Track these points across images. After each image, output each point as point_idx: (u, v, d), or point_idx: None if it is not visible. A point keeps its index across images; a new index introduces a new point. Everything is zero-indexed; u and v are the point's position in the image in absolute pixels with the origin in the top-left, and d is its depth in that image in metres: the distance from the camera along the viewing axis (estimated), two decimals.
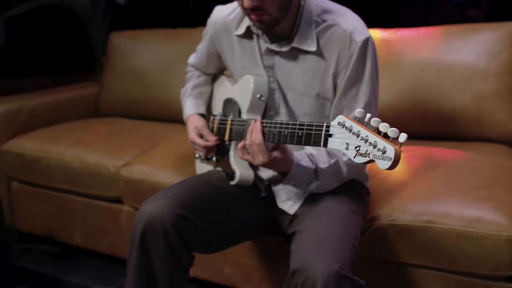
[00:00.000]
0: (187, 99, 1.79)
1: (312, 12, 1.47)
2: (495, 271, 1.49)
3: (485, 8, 3.65)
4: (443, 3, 3.69)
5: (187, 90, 1.81)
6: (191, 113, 1.74)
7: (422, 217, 1.56)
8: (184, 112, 1.78)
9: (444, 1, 3.69)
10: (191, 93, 1.80)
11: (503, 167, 1.77)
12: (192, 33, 2.72)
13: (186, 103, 1.79)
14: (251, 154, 1.38)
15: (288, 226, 1.56)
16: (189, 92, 1.80)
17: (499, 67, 1.98)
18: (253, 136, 1.36)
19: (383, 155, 0.93)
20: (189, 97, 1.79)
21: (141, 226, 1.39)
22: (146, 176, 2.02)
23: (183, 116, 1.79)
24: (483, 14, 3.47)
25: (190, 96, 1.79)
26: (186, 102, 1.79)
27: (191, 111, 1.75)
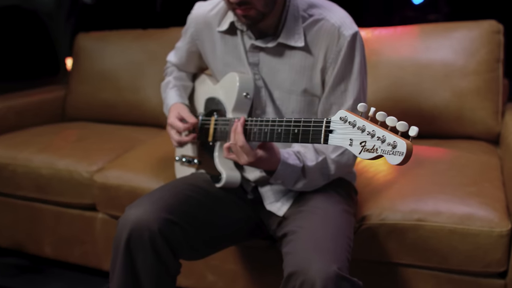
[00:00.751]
0: (170, 90, 1.71)
1: (298, 7, 1.42)
2: (487, 268, 1.48)
3: (445, 12, 3.72)
4: (404, 6, 3.73)
5: (170, 81, 1.73)
6: (176, 102, 1.66)
7: (413, 216, 1.53)
8: (167, 102, 1.69)
9: (405, 4, 3.73)
10: (175, 84, 1.72)
11: (487, 164, 1.77)
12: (164, 34, 2.64)
13: (169, 94, 1.70)
14: (235, 154, 1.34)
15: (277, 229, 1.50)
16: (173, 83, 1.72)
17: (477, 65, 1.99)
18: (236, 137, 1.32)
19: (393, 149, 0.89)
20: (173, 88, 1.71)
21: (126, 233, 1.31)
22: (122, 181, 1.93)
23: (165, 109, 1.71)
24: (443, 17, 3.53)
25: (174, 88, 1.71)
26: (170, 93, 1.70)
27: (175, 100, 1.67)
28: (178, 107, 1.63)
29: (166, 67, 1.82)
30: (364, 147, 0.95)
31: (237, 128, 1.32)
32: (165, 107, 1.71)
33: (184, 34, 1.69)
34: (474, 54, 2.01)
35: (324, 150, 1.43)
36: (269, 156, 1.32)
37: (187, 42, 1.67)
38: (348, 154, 1.44)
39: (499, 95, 2.00)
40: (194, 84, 1.78)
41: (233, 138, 1.33)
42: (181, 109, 1.61)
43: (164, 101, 1.73)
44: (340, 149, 1.43)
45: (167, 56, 1.81)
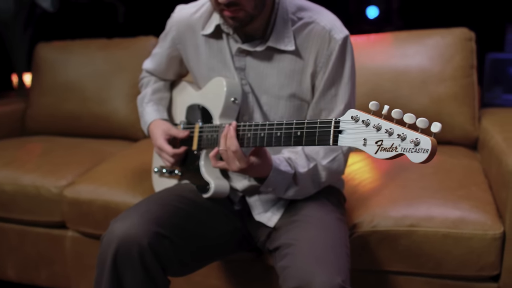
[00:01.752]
0: (146, 105, 1.62)
1: (287, 10, 1.38)
2: (481, 272, 1.47)
3: (398, 25, 3.82)
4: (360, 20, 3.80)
5: (145, 95, 1.64)
6: (154, 119, 1.58)
7: (405, 222, 1.50)
8: (145, 120, 1.60)
9: (361, 18, 3.80)
10: (150, 98, 1.63)
11: (470, 168, 1.77)
12: (131, 43, 2.55)
13: (146, 110, 1.62)
14: (226, 160, 1.27)
15: (267, 241, 1.43)
16: (149, 97, 1.63)
17: (453, 71, 2.01)
18: (228, 142, 1.25)
19: (415, 147, 0.85)
20: (149, 103, 1.62)
21: (113, 249, 1.21)
22: (95, 196, 1.81)
23: (143, 125, 1.62)
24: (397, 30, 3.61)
25: (150, 102, 1.62)
26: (146, 108, 1.62)
27: (153, 117, 1.59)
28: (160, 125, 1.55)
29: (142, 77, 1.73)
30: (380, 146, 0.90)
31: (229, 132, 1.25)
32: (143, 124, 1.62)
33: (163, 39, 1.61)
34: (449, 60, 2.03)
35: (315, 156, 1.38)
36: (261, 163, 1.26)
37: (168, 47, 1.59)
38: (339, 160, 1.39)
39: (475, 100, 2.02)
40: (172, 92, 1.70)
41: (223, 143, 1.26)
42: (165, 126, 1.54)
43: (141, 116, 1.64)
44: (332, 155, 1.38)
45: (143, 64, 1.72)
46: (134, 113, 2.41)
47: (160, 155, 1.55)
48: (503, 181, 1.46)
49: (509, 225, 1.44)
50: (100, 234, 1.80)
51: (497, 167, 1.54)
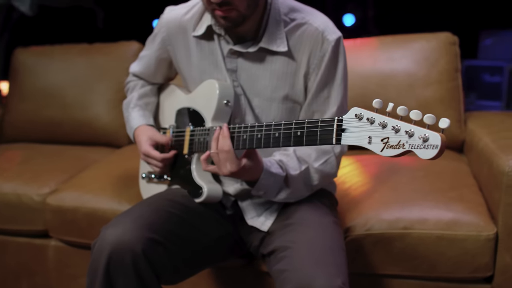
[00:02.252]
0: (132, 110, 1.58)
1: (279, 11, 1.36)
2: (475, 273, 1.46)
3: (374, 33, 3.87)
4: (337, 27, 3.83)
5: (131, 100, 1.60)
6: (140, 125, 1.54)
7: (399, 224, 1.49)
8: (130, 125, 1.56)
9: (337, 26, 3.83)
10: (136, 103, 1.59)
11: (459, 170, 1.77)
12: (113, 48, 2.51)
13: (131, 115, 1.57)
14: (217, 163, 1.24)
15: (261, 245, 1.41)
16: (135, 102, 1.59)
17: (439, 74, 2.02)
18: (221, 142, 1.22)
19: (424, 143, 0.84)
20: (134, 108, 1.58)
21: (105, 257, 1.16)
22: (80, 203, 1.76)
23: (129, 130, 1.58)
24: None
25: (136, 107, 1.58)
26: (132, 113, 1.57)
27: (139, 122, 1.54)
28: (145, 131, 1.51)
29: (128, 81, 1.69)
30: (387, 144, 0.89)
31: (223, 132, 1.23)
32: (129, 129, 1.58)
33: (152, 41, 1.57)
34: (435, 64, 2.04)
35: (307, 159, 1.36)
36: (253, 165, 1.24)
37: (157, 48, 1.55)
38: (331, 162, 1.38)
39: (461, 103, 2.03)
40: (160, 96, 1.67)
41: (215, 146, 1.24)
42: (150, 133, 1.50)
43: (127, 122, 1.59)
44: (324, 157, 1.37)
45: (130, 67, 1.68)
46: (117, 119, 2.37)
47: (147, 162, 1.51)
48: (495, 182, 1.47)
49: (501, 226, 1.44)
50: (85, 242, 1.76)
51: (488, 169, 1.54)
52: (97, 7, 3.31)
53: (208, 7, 1.27)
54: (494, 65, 4.62)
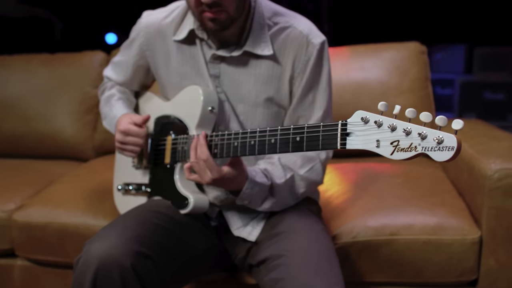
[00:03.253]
0: (116, 102, 1.51)
1: (263, 14, 1.34)
2: (461, 277, 1.47)
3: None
4: None
5: (114, 94, 1.53)
6: (125, 112, 1.47)
7: (385, 231, 1.49)
8: (113, 114, 1.48)
9: None
10: (120, 96, 1.53)
11: (436, 176, 1.79)
12: (76, 58, 2.42)
13: (115, 106, 1.49)
14: (198, 172, 1.22)
15: (248, 256, 1.36)
16: (118, 95, 1.53)
17: (411, 83, 2.05)
18: (198, 151, 1.20)
19: (439, 145, 0.82)
20: (118, 100, 1.51)
21: (92, 272, 1.09)
22: (50, 219, 1.66)
23: (109, 121, 1.50)
24: None
25: (120, 100, 1.52)
26: (116, 104, 1.50)
27: (124, 111, 1.47)
28: (129, 116, 1.44)
29: (104, 82, 1.62)
30: (397, 147, 0.87)
31: (199, 141, 1.21)
32: (109, 121, 1.50)
33: (129, 46, 1.51)
34: (406, 73, 2.07)
35: (292, 167, 1.34)
36: (236, 174, 1.21)
37: (134, 54, 1.49)
38: (317, 169, 1.36)
39: (432, 111, 2.07)
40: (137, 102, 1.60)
41: (193, 155, 1.22)
42: (133, 116, 1.43)
43: (107, 114, 1.52)
44: (309, 165, 1.35)
45: (104, 71, 1.61)
46: (83, 131, 2.27)
47: (122, 144, 1.41)
48: (477, 186, 1.48)
49: (485, 229, 1.45)
50: (55, 260, 1.66)
51: (469, 173, 1.56)
52: (55, 17, 3.20)
53: (195, 10, 1.23)
54: (445, 78, 4.78)
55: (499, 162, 1.45)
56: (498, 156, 1.49)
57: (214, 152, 1.24)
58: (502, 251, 1.45)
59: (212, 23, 1.23)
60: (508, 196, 1.42)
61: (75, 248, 1.63)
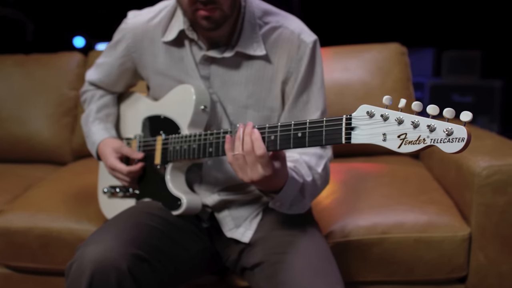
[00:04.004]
0: (92, 124, 1.47)
1: (254, 14, 1.32)
2: (451, 274, 1.48)
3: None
4: None
5: (90, 114, 1.49)
6: (103, 139, 1.43)
7: (377, 229, 1.49)
8: (92, 140, 1.45)
9: None
10: (96, 117, 1.48)
11: (421, 175, 1.81)
12: (52, 59, 2.35)
13: (92, 130, 1.47)
14: (241, 167, 1.07)
15: (240, 259, 1.34)
16: (94, 116, 1.49)
17: (394, 83, 2.07)
18: (255, 145, 1.05)
19: (448, 137, 0.82)
20: (94, 122, 1.48)
21: (87, 277, 1.04)
22: (32, 224, 1.60)
23: (91, 146, 1.47)
24: None
25: (96, 121, 1.48)
26: (92, 128, 1.47)
27: (102, 136, 1.44)
28: (109, 143, 1.42)
29: (84, 91, 1.58)
30: (404, 140, 0.86)
31: (254, 134, 1.06)
32: (91, 145, 1.47)
33: (114, 47, 1.47)
34: (389, 73, 2.09)
35: (312, 165, 1.26)
36: (282, 169, 1.10)
37: (120, 56, 1.45)
38: (327, 168, 1.31)
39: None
40: (120, 106, 1.56)
41: (240, 146, 1.07)
42: (115, 145, 1.41)
43: (87, 137, 1.49)
44: (322, 162, 1.28)
45: (86, 75, 1.56)
46: (60, 134, 2.21)
47: (114, 176, 1.40)
48: (465, 183, 1.50)
49: (474, 226, 1.47)
50: (36, 267, 1.60)
51: (457, 171, 1.58)
52: (26, 19, 3.11)
53: (189, 8, 1.20)
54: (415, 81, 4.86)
55: (487, 159, 1.47)
56: (485, 153, 1.51)
57: (209, 151, 1.21)
58: (491, 247, 1.47)
59: (206, 21, 1.20)
60: (496, 193, 1.44)
61: (58, 253, 1.58)
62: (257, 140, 1.04)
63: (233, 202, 1.38)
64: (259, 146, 1.04)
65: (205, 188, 1.39)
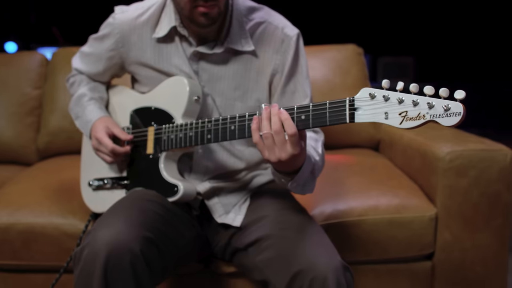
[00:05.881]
0: (87, 103, 1.49)
1: (240, 11, 1.40)
2: (421, 251, 1.62)
3: None
4: None
5: (85, 94, 1.52)
6: (100, 116, 1.46)
7: (354, 212, 1.60)
8: (87, 118, 1.47)
9: None
10: (92, 96, 1.51)
11: (385, 164, 1.95)
12: (12, 59, 2.33)
13: (87, 108, 1.49)
14: (270, 146, 1.09)
15: (230, 243, 1.40)
16: (90, 95, 1.51)
17: (353, 81, 2.21)
18: (285, 125, 1.07)
19: (446, 112, 0.92)
20: (90, 101, 1.50)
21: (102, 259, 1.07)
22: (14, 220, 1.57)
23: (83, 125, 1.49)
24: None
25: (92, 100, 1.51)
26: (88, 107, 1.49)
27: (98, 114, 1.47)
28: (104, 121, 1.44)
29: (73, 75, 1.60)
30: (405, 117, 0.96)
31: (282, 115, 1.08)
32: (84, 124, 1.49)
33: (101, 40, 1.50)
34: (348, 71, 2.22)
35: (315, 147, 1.30)
36: (304, 148, 1.12)
37: (109, 49, 1.48)
38: (323, 149, 1.36)
39: None
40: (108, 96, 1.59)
41: (267, 126, 1.09)
42: (110, 124, 1.43)
43: (80, 116, 1.51)
44: (319, 144, 1.34)
45: (72, 63, 1.59)
46: (24, 134, 2.18)
47: (97, 150, 1.43)
48: (431, 168, 1.65)
49: (440, 206, 1.62)
50: (18, 264, 1.59)
51: (422, 158, 1.72)
52: None
53: (187, 5, 1.25)
54: None
55: (449, 145, 1.62)
56: (446, 141, 1.66)
57: (207, 137, 1.27)
58: (455, 225, 1.62)
59: (204, 17, 1.27)
60: (459, 175, 1.59)
61: (42, 249, 1.57)
62: (287, 120, 1.07)
63: (222, 190, 1.44)
64: (290, 125, 1.07)
65: (194, 176, 1.44)
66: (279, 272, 1.19)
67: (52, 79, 2.21)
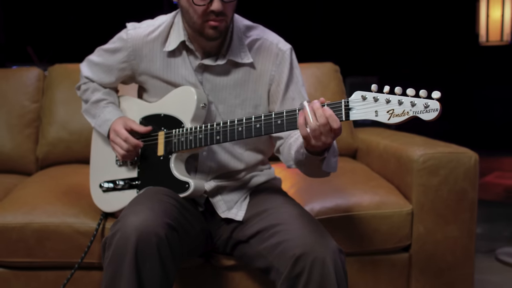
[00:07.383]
0: (106, 105, 1.67)
1: (240, 28, 1.59)
2: (399, 243, 1.82)
3: None
4: None
5: (102, 98, 1.68)
6: (119, 116, 1.63)
7: (340, 209, 1.79)
8: (106, 118, 1.63)
9: None
10: (110, 100, 1.69)
11: (363, 169, 2.16)
12: (10, 73, 2.44)
13: (106, 110, 1.65)
14: (317, 136, 1.24)
15: (232, 236, 1.56)
16: (108, 99, 1.68)
17: (332, 95, 2.42)
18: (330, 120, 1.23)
19: (426, 108, 1.12)
20: (108, 104, 1.68)
21: (133, 242, 1.22)
22: (29, 220, 1.69)
23: (102, 123, 1.64)
24: None
25: (111, 104, 1.68)
26: (107, 108, 1.66)
27: (118, 115, 1.64)
28: (124, 118, 1.62)
29: (84, 82, 1.75)
30: (392, 114, 1.16)
31: (326, 111, 1.23)
32: (102, 122, 1.64)
33: (112, 53, 1.66)
34: (327, 86, 2.44)
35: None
36: None
37: (121, 61, 1.64)
38: None
39: None
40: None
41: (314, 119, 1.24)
42: (127, 120, 1.60)
43: (98, 115, 1.67)
44: None
45: (82, 71, 1.75)
46: (24, 144, 2.29)
47: (113, 142, 1.59)
48: (407, 169, 1.86)
49: (415, 203, 1.82)
50: (33, 261, 1.70)
51: (397, 161, 1.94)
52: None
53: (199, 19, 1.43)
54: None
55: (422, 149, 1.84)
56: (419, 145, 1.89)
57: (217, 138, 1.44)
58: (428, 219, 1.82)
59: (213, 31, 1.45)
60: (431, 175, 1.80)
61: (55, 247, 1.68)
62: (332, 115, 1.22)
63: (224, 188, 1.61)
64: (335, 120, 1.22)
65: (199, 176, 1.60)
66: (282, 257, 1.36)
67: (50, 93, 2.34)
